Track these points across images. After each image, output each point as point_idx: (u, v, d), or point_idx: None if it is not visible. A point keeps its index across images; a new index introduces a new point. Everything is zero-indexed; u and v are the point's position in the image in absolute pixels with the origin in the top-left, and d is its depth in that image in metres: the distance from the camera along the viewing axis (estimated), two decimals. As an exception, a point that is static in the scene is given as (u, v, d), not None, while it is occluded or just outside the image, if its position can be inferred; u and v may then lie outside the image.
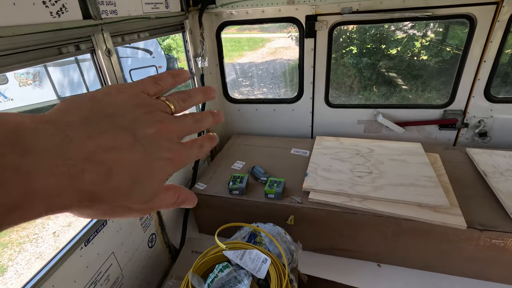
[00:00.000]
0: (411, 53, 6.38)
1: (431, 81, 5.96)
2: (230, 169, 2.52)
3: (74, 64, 7.96)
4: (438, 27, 6.06)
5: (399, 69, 6.40)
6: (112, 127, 0.30)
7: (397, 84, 6.16)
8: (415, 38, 6.30)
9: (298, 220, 2.08)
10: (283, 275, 1.53)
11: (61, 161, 0.25)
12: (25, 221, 0.25)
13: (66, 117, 0.28)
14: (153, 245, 2.01)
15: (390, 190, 2.00)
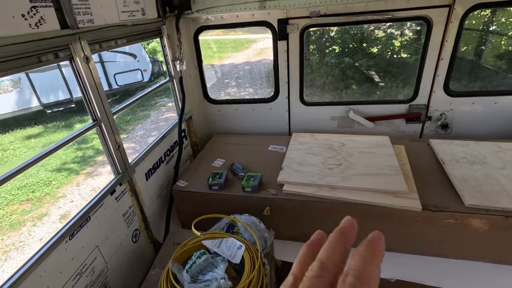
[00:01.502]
0: (390, 51, 6.66)
1: (410, 78, 6.26)
2: (211, 166, 2.65)
3: (56, 70, 7.90)
4: (414, 26, 6.35)
5: (379, 67, 6.68)
6: None
7: (375, 82, 6.43)
8: (393, 37, 6.59)
9: (273, 210, 2.23)
10: (256, 259, 1.67)
11: None
12: None
13: None
14: (137, 240, 2.12)
15: (357, 179, 2.18)
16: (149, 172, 2.32)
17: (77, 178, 5.98)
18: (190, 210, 2.44)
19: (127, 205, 2.01)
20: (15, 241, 4.43)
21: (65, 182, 5.88)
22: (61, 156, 6.64)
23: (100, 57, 9.18)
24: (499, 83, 4.24)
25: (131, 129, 8.08)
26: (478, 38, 4.93)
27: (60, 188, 5.75)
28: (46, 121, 8.28)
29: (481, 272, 2.00)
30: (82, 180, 5.90)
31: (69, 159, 6.57)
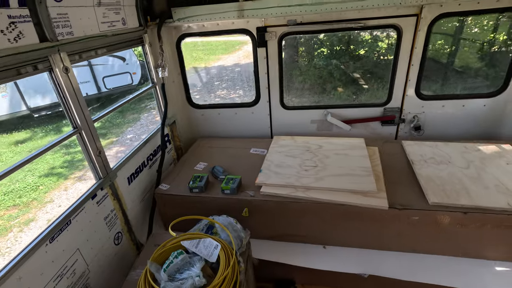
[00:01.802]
0: (377, 54, 6.83)
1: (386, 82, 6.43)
2: (193, 170, 2.73)
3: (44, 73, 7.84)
4: (390, 33, 6.53)
5: (365, 70, 6.84)
6: None
7: (360, 85, 6.59)
8: (379, 40, 6.77)
9: (252, 211, 2.32)
10: (231, 257, 1.76)
11: None
12: None
13: None
14: (119, 242, 2.19)
15: (330, 180, 2.29)
16: (131, 176, 2.39)
17: (65, 183, 5.98)
18: (172, 212, 2.51)
19: (109, 208, 2.08)
20: (1, 247, 4.42)
21: (52, 187, 5.87)
22: (48, 161, 6.61)
23: (89, 61, 9.17)
24: (466, 87, 4.45)
25: (121, 133, 8.09)
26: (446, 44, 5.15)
27: (48, 193, 5.74)
28: (33, 126, 8.23)
29: (447, 265, 2.13)
30: (70, 184, 5.90)
31: (58, 164, 6.55)
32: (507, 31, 3.71)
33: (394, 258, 2.24)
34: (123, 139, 7.66)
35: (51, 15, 1.55)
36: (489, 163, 2.36)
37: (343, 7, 2.40)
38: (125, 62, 10.12)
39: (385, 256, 2.26)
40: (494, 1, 2.40)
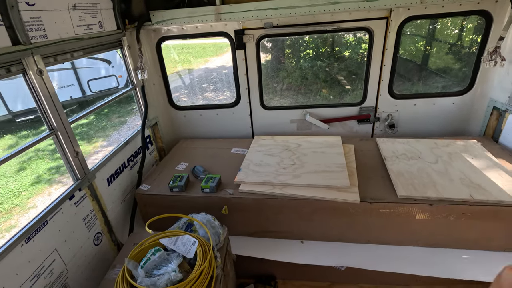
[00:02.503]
0: (360, 55, 7.01)
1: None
2: (174, 170, 2.77)
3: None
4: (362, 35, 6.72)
5: (348, 72, 7.00)
6: None
7: (343, 85, 6.74)
8: (362, 41, 6.95)
9: (231, 209, 2.38)
10: (208, 252, 1.82)
11: None
12: None
13: None
14: (99, 243, 2.21)
15: (306, 177, 2.38)
16: (111, 177, 2.41)
17: (48, 188, 5.89)
18: (153, 212, 2.54)
19: (88, 209, 2.10)
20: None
21: (35, 193, 5.77)
22: (32, 167, 6.49)
23: (73, 64, 9.05)
24: (437, 86, 4.65)
25: (106, 136, 8.01)
26: (419, 45, 5.37)
27: (31, 198, 5.64)
28: (15, 130, 8.05)
29: (418, 256, 2.24)
30: (54, 189, 5.82)
31: (42, 169, 6.44)
32: (471, 33, 3.92)
33: (369, 250, 2.33)
34: (111, 142, 7.59)
35: (23, 18, 1.58)
36: (456, 158, 2.50)
37: (316, 11, 2.50)
38: (110, 65, 10.03)
39: (361, 248, 2.35)
40: (457, 5, 2.55)
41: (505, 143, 2.67)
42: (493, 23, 2.58)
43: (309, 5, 2.50)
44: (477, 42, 2.81)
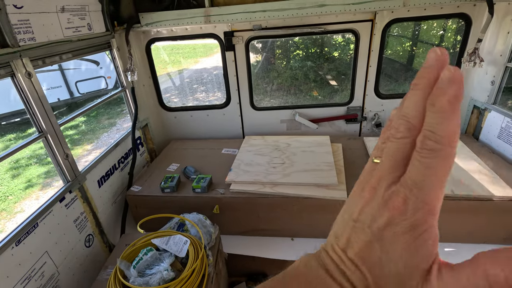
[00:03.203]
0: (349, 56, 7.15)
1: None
2: (165, 171, 2.79)
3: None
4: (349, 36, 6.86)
5: (338, 72, 7.13)
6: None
7: (332, 86, 6.86)
8: (351, 42, 7.08)
9: (222, 208, 2.42)
10: (200, 251, 1.85)
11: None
12: None
13: None
14: (90, 244, 2.21)
15: (296, 175, 2.43)
16: (102, 179, 2.41)
17: (36, 192, 5.78)
18: (144, 213, 2.54)
19: (79, 211, 2.10)
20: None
21: (23, 197, 5.66)
22: (21, 173, 6.36)
23: (60, 65, 8.90)
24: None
25: (95, 138, 7.91)
26: (403, 45, 5.54)
27: (18, 203, 5.53)
28: (0, 133, 7.86)
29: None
30: (42, 193, 5.72)
31: (32, 175, 6.31)
32: (453, 34, 4.06)
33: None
34: (100, 144, 7.50)
35: (11, 21, 1.58)
36: (438, 155, 2.59)
37: (303, 13, 2.56)
38: (99, 66, 9.90)
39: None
40: (439, 8, 2.65)
41: (484, 141, 2.79)
42: (472, 25, 2.70)
43: (297, 7, 2.55)
44: (459, 43, 2.92)
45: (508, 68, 2.52)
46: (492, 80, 2.63)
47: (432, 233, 0.29)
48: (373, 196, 0.31)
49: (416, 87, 0.29)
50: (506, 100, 5.30)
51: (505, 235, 2.17)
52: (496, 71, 2.59)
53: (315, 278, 0.34)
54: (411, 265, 0.28)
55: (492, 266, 0.25)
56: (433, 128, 0.27)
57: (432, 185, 0.27)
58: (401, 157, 0.30)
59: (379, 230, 0.30)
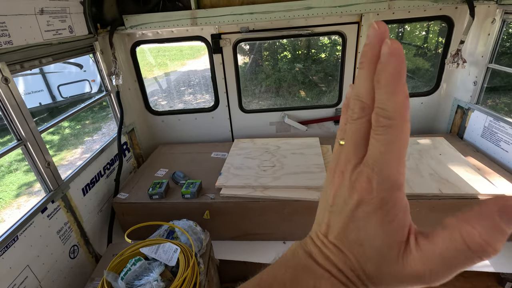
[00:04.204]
0: (336, 57, 7.23)
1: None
2: (153, 176, 2.72)
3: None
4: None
5: (325, 73, 7.20)
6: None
7: (320, 87, 6.93)
8: (337, 44, 7.16)
9: (213, 214, 2.37)
10: (191, 259, 1.80)
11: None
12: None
13: None
14: (75, 256, 2.12)
15: (286, 178, 2.42)
16: (86, 187, 2.33)
17: (17, 200, 5.55)
18: (132, 221, 2.47)
19: (62, 221, 2.01)
20: None
21: (3, 206, 5.43)
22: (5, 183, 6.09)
23: (41, 69, 8.61)
24: (409, 86, 4.92)
25: (80, 143, 7.68)
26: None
27: (-3, 212, 5.29)
28: (-22, 140, 7.52)
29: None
30: (24, 202, 5.49)
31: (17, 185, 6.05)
32: (436, 37, 4.17)
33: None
34: (85, 150, 7.28)
35: (-14, 24, 1.50)
36: (425, 155, 2.64)
37: (290, 15, 2.56)
38: (82, 69, 9.64)
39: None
40: (422, 10, 2.70)
41: (469, 139, 2.86)
42: (454, 27, 2.77)
43: (284, 10, 2.55)
44: (442, 45, 2.99)
45: (489, 69, 2.59)
46: (475, 81, 2.71)
47: (402, 206, 0.30)
48: (342, 180, 0.32)
49: (362, 65, 0.30)
50: (487, 99, 5.49)
51: (491, 232, 2.22)
52: (478, 71, 2.66)
53: (301, 265, 0.35)
54: (388, 239, 0.29)
55: (464, 226, 0.26)
56: (382, 104, 0.27)
57: (391, 160, 0.28)
58: (361, 137, 0.30)
59: (351, 212, 0.31)
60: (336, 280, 0.32)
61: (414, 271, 0.28)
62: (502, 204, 0.25)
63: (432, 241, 0.28)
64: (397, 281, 0.30)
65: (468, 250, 0.26)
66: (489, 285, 2.35)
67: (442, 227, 0.28)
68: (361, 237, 0.31)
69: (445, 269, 0.28)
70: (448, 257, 0.27)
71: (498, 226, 0.25)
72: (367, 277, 0.31)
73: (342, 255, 0.32)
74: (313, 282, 0.32)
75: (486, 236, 0.25)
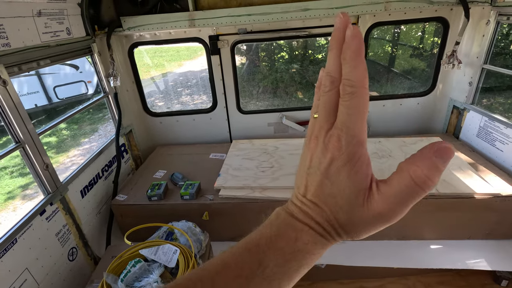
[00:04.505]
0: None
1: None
2: (152, 178, 2.72)
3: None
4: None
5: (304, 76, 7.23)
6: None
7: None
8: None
9: (212, 215, 2.38)
10: (190, 260, 1.81)
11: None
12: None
13: None
14: (74, 258, 2.12)
15: (285, 179, 2.43)
16: (85, 189, 2.32)
17: (13, 203, 5.51)
18: (131, 223, 2.47)
19: (61, 224, 2.01)
20: None
21: None
22: None
23: (37, 70, 8.55)
24: (403, 87, 4.96)
25: (77, 145, 7.64)
26: (387, 50, 5.71)
27: (-6, 214, 5.25)
28: (-26, 142, 7.44)
29: (391, 249, 2.36)
30: (20, 204, 5.45)
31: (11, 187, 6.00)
32: (432, 38, 4.22)
33: (346, 247, 2.42)
34: (83, 152, 7.24)
35: (-16, 27, 1.50)
36: (422, 154, 2.67)
37: (288, 17, 2.57)
38: (78, 70, 9.59)
39: (338, 245, 2.42)
40: (418, 12, 2.73)
41: (464, 139, 2.89)
42: (449, 29, 2.80)
43: (281, 11, 2.57)
44: (437, 45, 3.03)
45: (484, 69, 2.63)
46: (470, 81, 2.74)
47: (365, 158, 0.35)
48: (317, 144, 0.37)
49: (331, 47, 0.36)
50: (482, 99, 5.55)
51: (488, 231, 2.25)
52: (473, 72, 2.70)
53: (284, 222, 0.40)
54: (355, 187, 0.35)
55: (411, 167, 0.32)
56: (347, 76, 0.33)
57: (356, 120, 0.34)
58: (332, 106, 0.36)
59: (325, 169, 0.36)
60: (314, 231, 0.37)
61: (377, 212, 0.34)
62: (437, 147, 0.31)
63: (389, 184, 0.34)
64: (364, 223, 0.36)
65: (415, 185, 0.32)
66: (485, 283, 2.38)
67: (396, 171, 0.34)
68: (333, 190, 0.36)
69: (400, 205, 0.34)
70: (401, 194, 0.33)
71: (434, 163, 0.31)
72: (339, 225, 0.37)
73: (319, 209, 0.37)
74: (295, 234, 0.38)
75: (427, 172, 0.31)
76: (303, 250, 0.37)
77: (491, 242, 2.29)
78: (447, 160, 0.31)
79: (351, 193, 0.35)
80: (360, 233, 0.37)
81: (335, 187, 0.36)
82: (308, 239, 0.37)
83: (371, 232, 0.37)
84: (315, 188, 0.37)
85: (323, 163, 0.36)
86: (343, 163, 0.35)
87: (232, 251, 0.40)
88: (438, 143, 0.31)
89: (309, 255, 0.38)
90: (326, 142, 0.36)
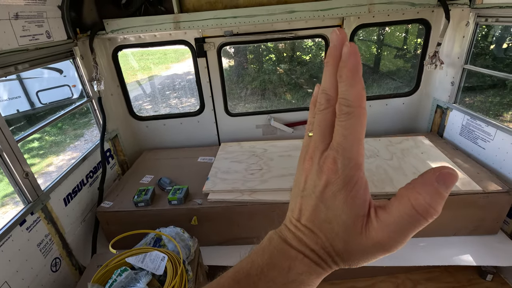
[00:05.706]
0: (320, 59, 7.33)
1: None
2: (139, 183, 2.66)
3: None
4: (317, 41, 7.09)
5: (309, 75, 7.29)
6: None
7: (305, 89, 7.00)
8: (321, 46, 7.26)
9: (200, 219, 2.34)
10: (179, 267, 1.77)
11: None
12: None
13: None
14: (57, 268, 2.04)
15: (274, 181, 2.42)
16: (68, 197, 2.25)
17: (-4, 211, 5.29)
18: (118, 230, 2.40)
19: (43, 234, 1.94)
20: None
21: (-22, 218, 5.16)
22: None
23: (18, 74, 8.29)
24: (389, 87, 5.06)
25: (61, 151, 7.43)
26: (372, 50, 5.82)
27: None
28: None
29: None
30: (2, 213, 5.25)
31: None
32: (415, 39, 4.32)
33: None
34: (66, 158, 7.05)
35: (-45, 30, 1.43)
36: (408, 154, 2.71)
37: (274, 19, 2.58)
38: (62, 74, 9.35)
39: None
40: (401, 14, 2.79)
41: (448, 138, 2.96)
42: (431, 30, 2.86)
43: (267, 14, 2.57)
44: (420, 46, 3.09)
45: (465, 69, 2.70)
46: (452, 81, 2.81)
47: (362, 183, 0.33)
48: (312, 165, 0.35)
49: (327, 64, 0.34)
50: (465, 98, 5.71)
51: (473, 227, 2.30)
52: (455, 72, 2.77)
53: (277, 249, 0.37)
54: (352, 213, 0.33)
55: (412, 194, 0.30)
56: (344, 95, 0.32)
57: (353, 142, 0.32)
58: (327, 126, 0.34)
59: (320, 193, 0.34)
60: (309, 260, 0.35)
61: (376, 240, 0.32)
62: (439, 172, 0.29)
63: (388, 211, 0.32)
64: (362, 252, 0.33)
65: (416, 213, 0.30)
66: (470, 278, 2.43)
67: (396, 197, 0.32)
68: (329, 215, 0.34)
69: (400, 234, 0.31)
70: (401, 223, 0.31)
71: (437, 190, 0.29)
72: (336, 253, 0.34)
73: (314, 236, 0.35)
74: (288, 263, 0.35)
75: (429, 200, 0.29)
76: (297, 280, 0.35)
77: (476, 238, 2.34)
78: (450, 186, 0.29)
79: (348, 219, 0.33)
80: (358, 261, 0.34)
81: (330, 213, 0.34)
82: (303, 269, 0.35)
83: (370, 261, 0.34)
84: (310, 213, 0.35)
85: (318, 186, 0.34)
86: (339, 187, 0.33)
87: (220, 282, 0.37)
88: (441, 168, 0.29)
89: (303, 286, 0.35)
90: (321, 164, 0.34)
